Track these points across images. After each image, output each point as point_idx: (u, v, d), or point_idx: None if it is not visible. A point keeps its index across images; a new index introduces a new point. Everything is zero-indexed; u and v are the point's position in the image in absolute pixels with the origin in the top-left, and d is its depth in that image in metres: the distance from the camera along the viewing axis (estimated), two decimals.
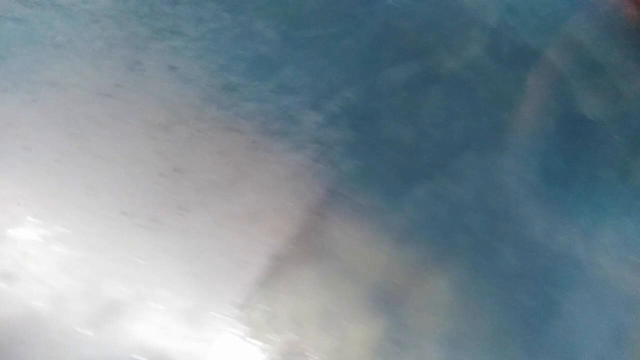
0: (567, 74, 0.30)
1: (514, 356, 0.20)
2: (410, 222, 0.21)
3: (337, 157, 0.22)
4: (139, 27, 0.24)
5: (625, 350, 0.21)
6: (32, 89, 0.20)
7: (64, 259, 0.16)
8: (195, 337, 0.16)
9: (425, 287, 0.19)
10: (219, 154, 0.20)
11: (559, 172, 0.25)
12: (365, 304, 0.19)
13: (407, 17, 0.29)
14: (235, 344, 0.16)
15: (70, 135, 0.19)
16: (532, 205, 0.24)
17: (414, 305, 0.19)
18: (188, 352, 0.16)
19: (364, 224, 0.20)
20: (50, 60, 0.21)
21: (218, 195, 0.19)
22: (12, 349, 0.15)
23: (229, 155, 0.20)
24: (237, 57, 0.24)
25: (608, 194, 0.26)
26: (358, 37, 0.28)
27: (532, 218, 0.23)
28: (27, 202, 0.17)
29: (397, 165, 0.23)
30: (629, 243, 0.24)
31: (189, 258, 0.17)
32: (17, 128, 0.18)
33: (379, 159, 0.23)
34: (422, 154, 0.23)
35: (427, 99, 0.26)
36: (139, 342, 0.16)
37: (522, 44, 0.31)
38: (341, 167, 0.22)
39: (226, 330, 0.16)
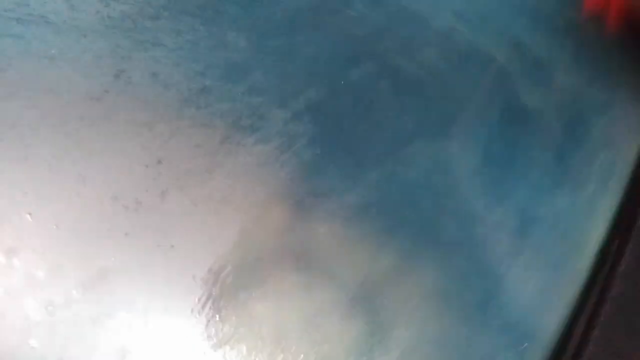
0: (511, 70, 0.34)
1: (455, 313, 0.23)
2: (364, 200, 0.24)
3: (301, 148, 0.25)
4: (123, 40, 0.27)
5: (552, 307, 0.24)
6: (31, 95, 0.23)
7: (62, 234, 0.19)
8: (174, 307, 0.19)
9: (375, 256, 0.22)
10: (196, 147, 0.23)
11: (499, 155, 0.29)
12: (320, 279, 0.22)
13: (365, 25, 0.32)
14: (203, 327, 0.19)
15: (65, 134, 0.22)
16: (473, 185, 0.27)
17: (363, 269, 0.22)
18: (165, 326, 0.19)
19: (323, 203, 0.23)
20: (46, 71, 0.24)
21: (195, 181, 0.22)
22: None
23: (204, 148, 0.23)
24: (211, 64, 0.27)
25: (543, 174, 0.29)
26: (320, 44, 0.31)
27: (473, 195, 0.26)
28: (30, 189, 0.20)
29: (354, 154, 0.26)
30: (559, 216, 0.27)
31: (169, 233, 0.20)
32: (19, 129, 0.21)
33: (338, 149, 0.26)
34: (376, 143, 0.26)
35: (382, 96, 0.29)
36: (120, 305, 0.18)
37: (469, 45, 0.34)
38: (304, 157, 0.25)
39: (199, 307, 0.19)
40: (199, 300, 0.19)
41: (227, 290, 0.19)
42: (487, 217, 0.25)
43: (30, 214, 0.19)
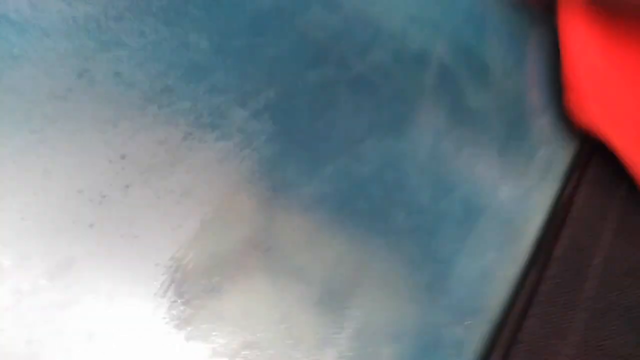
0: (459, 73, 0.37)
1: (404, 296, 0.25)
2: (320, 193, 0.26)
3: (260, 144, 0.27)
4: (86, 40, 0.28)
5: (493, 287, 0.27)
6: None
7: (27, 226, 0.20)
8: (139, 295, 0.20)
9: (330, 243, 0.25)
10: (158, 143, 0.24)
11: (446, 152, 0.31)
12: (275, 265, 0.24)
13: (322, 28, 0.35)
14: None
15: (30, 132, 0.23)
16: (421, 178, 0.29)
17: (319, 255, 0.24)
18: (132, 316, 0.20)
19: (282, 196, 0.25)
20: (9, 70, 0.25)
21: (158, 175, 0.23)
22: None
23: (167, 144, 0.25)
24: (174, 64, 0.29)
25: (486, 169, 0.32)
26: (280, 45, 0.33)
27: (420, 188, 0.29)
28: None
29: (310, 150, 0.28)
30: (501, 206, 0.30)
31: (133, 223, 0.21)
32: None
33: (295, 145, 0.28)
34: (331, 140, 0.29)
35: (337, 96, 0.31)
36: (85, 291, 0.20)
37: (420, 49, 0.37)
38: (263, 152, 0.27)
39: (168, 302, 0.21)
40: (162, 285, 0.20)
41: (190, 276, 0.21)
42: (433, 208, 0.28)
43: None
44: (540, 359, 0.26)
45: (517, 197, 0.32)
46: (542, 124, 0.36)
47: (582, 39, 0.36)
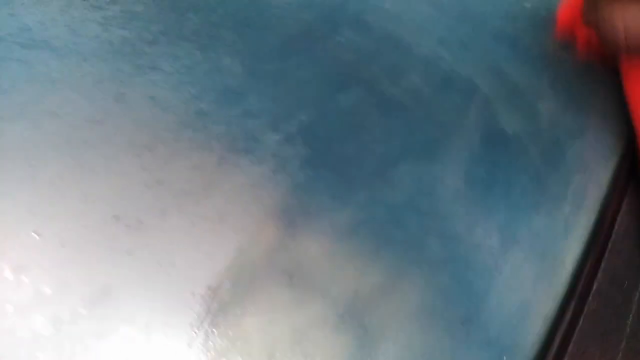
0: (491, 96, 0.37)
1: (439, 328, 0.25)
2: (353, 221, 0.26)
3: (293, 169, 0.27)
4: (122, 64, 0.28)
5: (530, 322, 0.26)
6: (35, 117, 0.24)
7: (66, 253, 0.20)
8: (173, 330, 0.21)
9: (363, 274, 0.24)
10: (193, 168, 0.25)
11: (480, 178, 0.31)
12: (312, 295, 0.23)
13: (353, 51, 0.35)
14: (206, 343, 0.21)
15: (69, 156, 0.23)
16: (456, 206, 0.29)
17: (352, 286, 0.24)
18: (165, 344, 0.20)
19: (315, 222, 0.25)
20: (48, 94, 0.25)
21: (193, 201, 0.23)
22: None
23: (201, 169, 0.25)
24: (207, 87, 0.29)
25: (521, 196, 0.32)
26: (311, 68, 0.33)
27: (455, 216, 0.28)
28: (36, 209, 0.21)
29: (343, 175, 0.28)
30: (536, 235, 0.30)
31: (169, 251, 0.21)
32: (24, 151, 0.23)
33: (328, 170, 0.28)
34: (364, 165, 0.29)
35: (370, 119, 0.31)
36: (122, 320, 0.20)
37: (452, 72, 0.37)
38: (296, 178, 0.27)
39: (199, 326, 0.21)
40: (198, 315, 0.20)
41: (225, 306, 0.21)
42: (469, 237, 0.28)
43: (36, 232, 0.20)
44: None
45: (553, 226, 0.31)
46: (578, 149, 0.35)
47: None
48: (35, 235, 0.20)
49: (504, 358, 0.25)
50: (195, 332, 0.20)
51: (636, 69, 0.36)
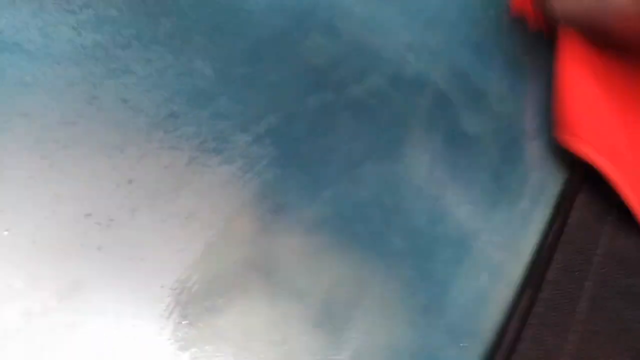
0: (454, 99, 0.39)
1: (401, 318, 0.26)
2: (320, 216, 0.27)
3: (262, 168, 0.28)
4: (95, 67, 0.29)
5: (488, 310, 0.28)
6: (6, 119, 0.25)
7: (37, 249, 0.21)
8: (141, 323, 0.21)
9: (329, 267, 0.26)
10: (164, 167, 0.26)
11: (441, 176, 0.33)
12: (276, 287, 0.25)
13: (322, 55, 0.37)
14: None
15: (40, 157, 0.24)
16: (418, 202, 0.31)
17: (319, 278, 0.25)
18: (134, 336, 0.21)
19: (283, 218, 0.26)
20: (21, 96, 0.26)
21: (163, 199, 0.24)
22: None
23: (172, 168, 0.26)
24: (179, 90, 0.30)
25: (481, 193, 0.34)
26: (281, 72, 0.35)
27: (417, 211, 0.30)
28: (7, 208, 0.22)
29: (310, 174, 0.29)
30: (494, 229, 0.32)
31: (139, 247, 0.22)
32: None
33: (296, 169, 0.29)
34: (331, 164, 0.30)
35: (337, 121, 0.33)
36: (93, 312, 0.21)
37: (417, 75, 0.39)
38: (265, 176, 0.28)
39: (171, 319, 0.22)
40: (167, 306, 0.21)
41: (194, 297, 0.22)
42: (431, 231, 0.29)
43: (7, 230, 0.21)
44: None
45: (510, 221, 0.33)
46: (535, 148, 0.38)
47: (578, 69, 0.38)
48: (6, 233, 0.21)
49: (463, 343, 0.27)
50: (164, 323, 0.21)
51: (569, 42, 0.39)
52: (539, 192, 0.35)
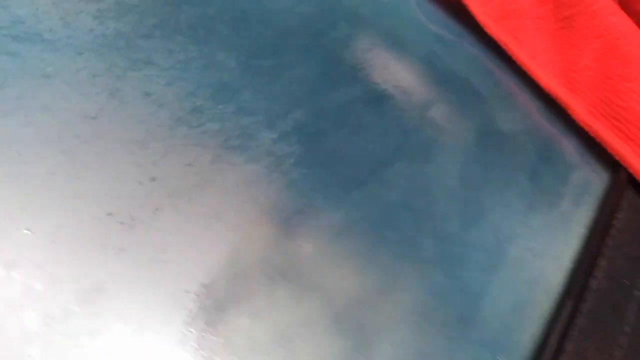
0: (487, 95, 0.37)
1: (434, 328, 0.25)
2: (348, 220, 0.26)
3: (288, 168, 0.27)
4: (117, 58, 0.28)
5: (526, 322, 0.27)
6: (28, 112, 0.24)
7: (58, 249, 0.20)
8: (164, 331, 0.21)
9: (358, 273, 0.24)
10: (188, 165, 0.25)
11: (475, 178, 0.31)
12: (305, 292, 0.24)
13: (349, 48, 0.35)
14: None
15: (61, 152, 0.23)
16: (451, 205, 0.29)
17: (347, 285, 0.24)
18: (160, 343, 0.20)
19: (310, 221, 0.25)
20: (42, 89, 0.25)
21: (187, 198, 0.23)
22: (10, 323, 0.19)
23: (196, 166, 0.25)
24: (202, 84, 0.29)
25: (517, 194, 0.32)
26: (307, 65, 0.33)
27: (450, 215, 0.29)
28: (27, 205, 0.21)
29: (338, 174, 0.28)
30: (532, 233, 0.30)
31: (162, 248, 0.21)
32: (17, 146, 0.23)
33: (323, 169, 0.28)
34: (359, 164, 0.29)
35: (365, 117, 0.31)
36: (115, 317, 0.20)
37: (448, 71, 0.37)
38: (291, 176, 0.27)
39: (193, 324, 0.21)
40: (191, 312, 0.20)
41: (219, 303, 0.21)
42: (464, 236, 0.28)
43: (28, 229, 0.20)
44: None
45: (549, 224, 0.31)
46: (575, 146, 0.36)
47: None
48: (27, 232, 0.20)
49: (499, 357, 0.25)
50: (188, 330, 0.20)
51: None
52: (581, 192, 0.33)
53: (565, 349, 0.26)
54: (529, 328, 0.27)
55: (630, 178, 0.35)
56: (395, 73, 0.34)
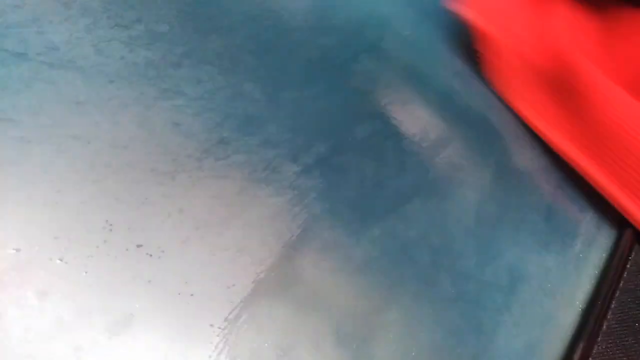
0: (504, 132, 0.38)
1: None
2: (367, 256, 0.27)
3: (310, 202, 0.28)
4: (147, 87, 0.29)
5: (537, 358, 0.27)
6: (60, 141, 0.25)
7: (88, 279, 0.21)
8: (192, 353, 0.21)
9: (376, 310, 0.25)
10: (214, 197, 0.25)
11: (491, 216, 0.32)
12: (327, 330, 0.24)
13: (371, 82, 0.36)
14: None
15: (93, 182, 0.24)
16: (467, 243, 0.30)
17: (368, 324, 0.24)
18: None
19: (331, 257, 0.26)
20: (74, 116, 0.26)
21: (213, 231, 0.24)
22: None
23: (222, 198, 0.25)
24: (230, 115, 0.30)
25: (532, 234, 0.32)
26: (331, 98, 0.34)
27: (466, 253, 0.29)
28: (60, 234, 0.22)
29: (359, 209, 0.28)
30: (545, 274, 0.30)
31: (189, 281, 0.22)
32: (49, 175, 0.23)
33: (344, 204, 0.28)
34: (379, 200, 0.29)
35: (385, 152, 0.32)
36: (142, 350, 0.20)
37: (465, 106, 0.38)
38: (313, 210, 0.27)
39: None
40: (216, 347, 0.21)
41: (242, 339, 0.22)
42: (479, 275, 0.28)
43: (61, 259, 0.21)
44: None
45: (563, 264, 0.32)
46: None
47: None
48: (59, 262, 0.21)
49: None
50: None
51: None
52: (594, 233, 0.34)
53: None
54: None
55: None
56: (415, 107, 0.34)
